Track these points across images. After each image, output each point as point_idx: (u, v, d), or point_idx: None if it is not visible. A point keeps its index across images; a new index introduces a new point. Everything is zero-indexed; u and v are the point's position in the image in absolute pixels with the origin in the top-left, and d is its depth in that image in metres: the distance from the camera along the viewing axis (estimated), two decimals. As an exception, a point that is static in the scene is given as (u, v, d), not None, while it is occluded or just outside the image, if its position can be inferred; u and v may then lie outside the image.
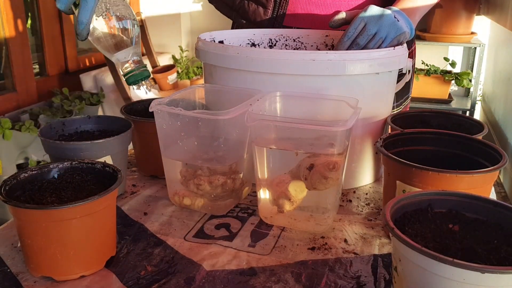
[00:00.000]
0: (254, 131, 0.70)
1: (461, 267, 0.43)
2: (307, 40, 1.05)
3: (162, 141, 0.77)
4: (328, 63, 0.75)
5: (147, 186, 0.88)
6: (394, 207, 0.54)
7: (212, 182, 0.75)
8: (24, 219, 0.58)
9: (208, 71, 0.89)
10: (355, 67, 0.76)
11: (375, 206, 0.81)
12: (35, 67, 2.74)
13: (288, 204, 0.70)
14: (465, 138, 0.74)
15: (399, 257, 0.50)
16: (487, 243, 0.51)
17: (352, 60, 0.76)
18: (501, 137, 2.65)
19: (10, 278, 0.61)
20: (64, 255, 0.59)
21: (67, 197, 0.63)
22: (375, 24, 0.83)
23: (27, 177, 0.65)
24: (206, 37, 0.95)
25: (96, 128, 0.87)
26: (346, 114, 0.71)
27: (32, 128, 2.22)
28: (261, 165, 0.71)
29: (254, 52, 0.78)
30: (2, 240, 0.69)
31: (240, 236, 0.71)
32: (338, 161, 0.68)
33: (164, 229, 0.73)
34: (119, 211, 0.77)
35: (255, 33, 1.06)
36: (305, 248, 0.68)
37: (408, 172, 0.64)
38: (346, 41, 0.84)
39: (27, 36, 2.51)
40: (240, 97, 0.76)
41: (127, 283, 0.60)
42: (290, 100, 0.79)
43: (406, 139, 0.76)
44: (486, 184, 0.65)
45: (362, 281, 0.61)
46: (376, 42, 0.84)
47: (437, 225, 0.54)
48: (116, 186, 0.61)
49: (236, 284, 0.60)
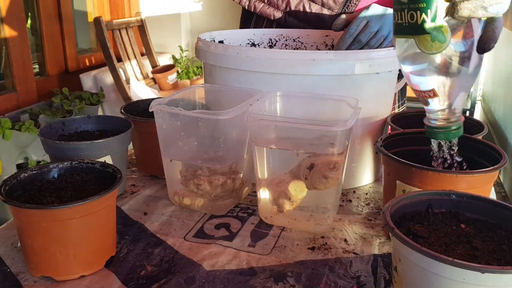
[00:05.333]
0: (254, 131, 0.70)
1: (461, 267, 0.43)
2: (307, 40, 1.05)
3: (162, 141, 0.77)
4: (328, 63, 0.75)
5: (147, 186, 0.88)
6: (394, 207, 0.54)
7: (212, 182, 0.75)
8: (24, 219, 0.58)
9: (208, 71, 0.89)
10: (355, 67, 0.76)
11: (375, 206, 0.81)
12: (35, 67, 2.74)
13: (288, 204, 0.70)
14: (465, 138, 0.74)
15: (399, 257, 0.50)
16: (487, 243, 0.51)
17: (352, 60, 0.76)
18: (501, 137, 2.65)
19: (10, 278, 0.61)
20: (64, 255, 0.59)
21: (67, 197, 0.63)
22: (377, 21, 0.82)
23: (27, 177, 0.65)
24: (206, 37, 0.95)
25: (96, 128, 0.87)
26: (346, 114, 0.71)
27: (32, 128, 2.22)
28: (261, 165, 0.71)
29: (254, 52, 0.78)
30: (2, 240, 0.69)
31: (240, 236, 0.71)
32: (338, 161, 0.68)
33: (164, 229, 0.73)
34: (119, 211, 0.77)
35: (255, 33, 1.06)
36: (305, 248, 0.68)
37: (408, 172, 0.64)
38: (348, 38, 0.84)
39: (27, 36, 2.51)
40: (240, 97, 0.76)
41: (127, 283, 0.60)
42: (290, 100, 0.79)
43: (406, 139, 0.76)
44: (486, 184, 0.65)
45: (362, 281, 0.61)
46: (378, 39, 0.84)
47: (437, 225, 0.54)
48: (116, 186, 0.61)
49: (236, 284, 0.60)
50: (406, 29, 0.57)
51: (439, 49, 0.56)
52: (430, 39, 0.56)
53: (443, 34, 0.55)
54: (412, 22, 0.56)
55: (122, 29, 3.02)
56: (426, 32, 0.55)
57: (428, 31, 0.55)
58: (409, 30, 0.57)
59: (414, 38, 0.57)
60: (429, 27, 0.55)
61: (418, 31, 0.56)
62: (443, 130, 0.60)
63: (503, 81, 2.76)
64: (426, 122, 0.62)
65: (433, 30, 0.55)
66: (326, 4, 1.02)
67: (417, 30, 0.56)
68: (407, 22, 0.57)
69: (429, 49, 0.56)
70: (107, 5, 3.35)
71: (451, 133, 0.60)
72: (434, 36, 0.55)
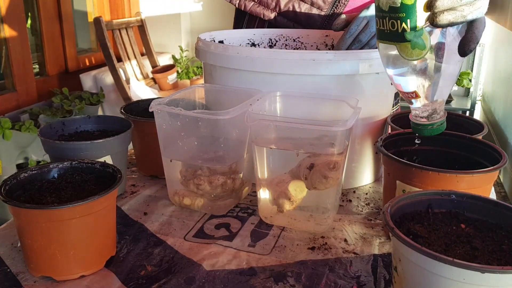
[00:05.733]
0: (254, 131, 0.70)
1: (461, 267, 0.43)
2: (307, 40, 1.05)
3: (162, 141, 0.77)
4: (328, 63, 0.75)
5: (147, 186, 0.88)
6: (394, 207, 0.54)
7: (212, 182, 0.75)
8: (24, 219, 0.58)
9: (208, 71, 0.89)
10: (355, 67, 0.76)
11: (375, 206, 0.81)
12: (35, 67, 2.74)
13: (288, 203, 0.70)
14: (465, 138, 0.74)
15: (399, 257, 0.50)
16: (487, 243, 0.51)
17: (352, 60, 0.76)
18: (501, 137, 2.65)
19: (10, 278, 0.61)
20: (64, 255, 0.59)
21: (67, 197, 0.63)
22: None
23: (27, 177, 0.65)
24: (206, 37, 0.95)
25: (96, 128, 0.87)
26: (346, 114, 0.71)
27: (32, 128, 2.22)
28: (261, 165, 0.71)
29: (254, 52, 0.78)
30: (2, 240, 0.69)
31: (240, 236, 0.71)
32: (338, 161, 0.68)
33: (164, 229, 0.73)
34: (119, 211, 0.77)
35: (255, 33, 1.06)
36: (305, 248, 0.68)
37: (408, 172, 0.64)
38: (348, 38, 0.84)
39: (27, 36, 2.51)
40: (240, 97, 0.76)
41: (127, 283, 0.60)
42: (290, 100, 0.79)
43: (406, 139, 0.76)
44: (486, 184, 0.65)
45: (362, 281, 0.61)
46: None
47: (437, 225, 0.54)
48: (116, 186, 0.61)
49: (236, 284, 0.60)
50: (388, 35, 0.59)
51: (419, 55, 0.58)
52: (410, 46, 0.58)
53: (423, 42, 0.57)
54: (393, 30, 0.58)
55: (122, 29, 3.02)
56: (407, 40, 0.57)
57: (408, 39, 0.57)
58: (390, 37, 0.59)
59: (396, 45, 0.59)
60: (409, 35, 0.57)
61: (399, 39, 0.58)
62: (428, 126, 0.63)
63: (503, 81, 2.76)
64: (412, 119, 0.65)
65: (413, 38, 0.57)
66: (315, 4, 1.02)
67: (398, 38, 0.58)
68: (388, 29, 0.59)
69: (410, 55, 0.58)
70: (107, 5, 3.35)
71: (434, 129, 0.63)
72: (414, 44, 0.57)
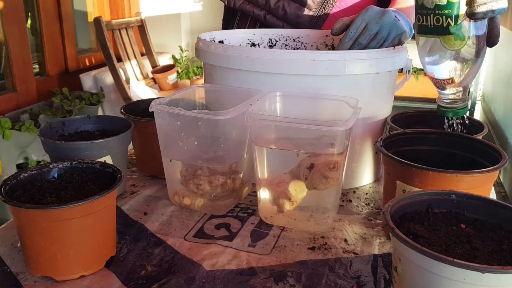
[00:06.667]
0: (254, 131, 0.70)
1: (461, 267, 0.43)
2: (307, 40, 1.05)
3: (162, 141, 0.77)
4: (328, 63, 0.75)
5: (147, 186, 0.88)
6: (394, 207, 0.54)
7: (212, 182, 0.75)
8: (24, 219, 0.58)
9: (208, 71, 0.89)
10: (355, 67, 0.76)
11: (375, 206, 0.81)
12: (35, 67, 2.74)
13: (288, 204, 0.70)
14: (465, 138, 0.74)
15: (399, 257, 0.50)
16: (487, 243, 0.51)
17: (352, 60, 0.76)
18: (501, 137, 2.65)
19: (10, 278, 0.61)
20: (64, 255, 0.59)
21: (67, 197, 0.63)
22: (376, 23, 0.82)
23: (27, 177, 0.65)
24: (206, 37, 0.95)
25: (96, 128, 0.87)
26: (346, 114, 0.71)
27: (32, 128, 2.22)
28: (261, 165, 0.71)
29: (254, 52, 0.78)
30: (2, 240, 0.69)
31: (240, 236, 0.71)
32: (338, 161, 0.68)
33: (164, 229, 0.73)
34: (119, 211, 0.77)
35: (255, 33, 1.06)
36: (305, 248, 0.68)
37: (408, 172, 0.64)
38: (348, 41, 0.84)
39: (27, 36, 2.51)
40: (240, 97, 0.76)
41: (127, 283, 0.60)
42: (290, 100, 0.79)
43: (406, 139, 0.76)
44: (486, 184, 0.65)
45: (362, 281, 0.61)
46: (377, 41, 0.84)
47: (437, 225, 0.54)
48: (116, 186, 0.61)
49: (236, 284, 0.60)
50: (431, 30, 0.69)
51: (460, 46, 0.68)
52: (453, 38, 0.67)
53: (463, 34, 0.67)
54: (438, 25, 0.67)
55: (122, 29, 3.02)
56: (451, 33, 0.67)
57: (452, 32, 0.67)
58: (434, 31, 0.68)
59: (440, 37, 0.68)
60: (452, 29, 0.67)
61: (443, 32, 0.67)
62: (453, 109, 0.74)
63: (503, 81, 2.76)
64: (439, 102, 0.75)
65: (456, 31, 0.67)
66: (304, 3, 1.02)
67: (442, 31, 0.67)
68: (432, 24, 0.68)
69: (452, 46, 0.68)
70: (107, 5, 3.35)
71: (459, 111, 0.74)
72: (456, 36, 0.67)
